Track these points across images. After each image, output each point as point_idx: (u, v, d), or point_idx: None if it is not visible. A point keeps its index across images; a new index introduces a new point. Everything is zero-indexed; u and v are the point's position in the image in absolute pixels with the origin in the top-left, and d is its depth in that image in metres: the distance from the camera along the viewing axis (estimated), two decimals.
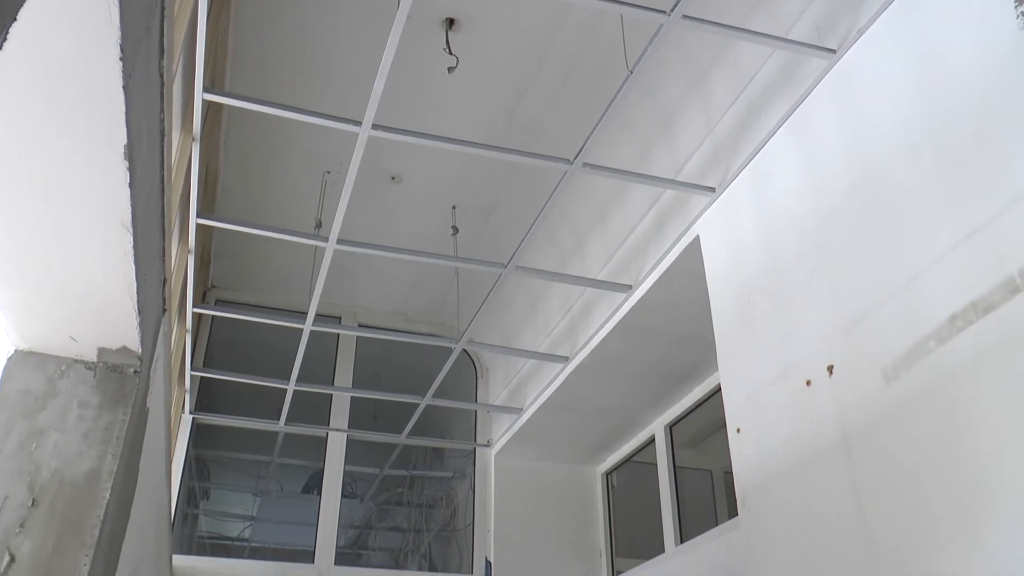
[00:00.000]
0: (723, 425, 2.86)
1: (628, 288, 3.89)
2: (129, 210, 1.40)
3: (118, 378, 1.68)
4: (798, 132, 2.73)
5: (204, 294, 5.37)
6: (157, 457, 2.62)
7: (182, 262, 3.52)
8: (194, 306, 4.04)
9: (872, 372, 2.13)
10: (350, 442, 5.47)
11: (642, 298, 3.82)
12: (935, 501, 1.88)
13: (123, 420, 1.66)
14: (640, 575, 4.86)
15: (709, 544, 4.26)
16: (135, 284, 1.48)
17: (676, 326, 4.03)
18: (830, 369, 2.28)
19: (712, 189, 3.22)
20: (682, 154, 3.49)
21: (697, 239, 3.32)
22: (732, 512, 4.25)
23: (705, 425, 5.00)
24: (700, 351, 4.20)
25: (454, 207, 4.76)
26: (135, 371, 1.70)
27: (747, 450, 2.59)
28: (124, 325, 1.58)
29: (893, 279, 2.13)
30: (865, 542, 2.06)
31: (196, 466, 6.25)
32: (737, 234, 2.99)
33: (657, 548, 4.80)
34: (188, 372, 4.61)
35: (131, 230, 1.41)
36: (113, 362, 1.70)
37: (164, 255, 1.89)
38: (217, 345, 5.49)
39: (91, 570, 1.59)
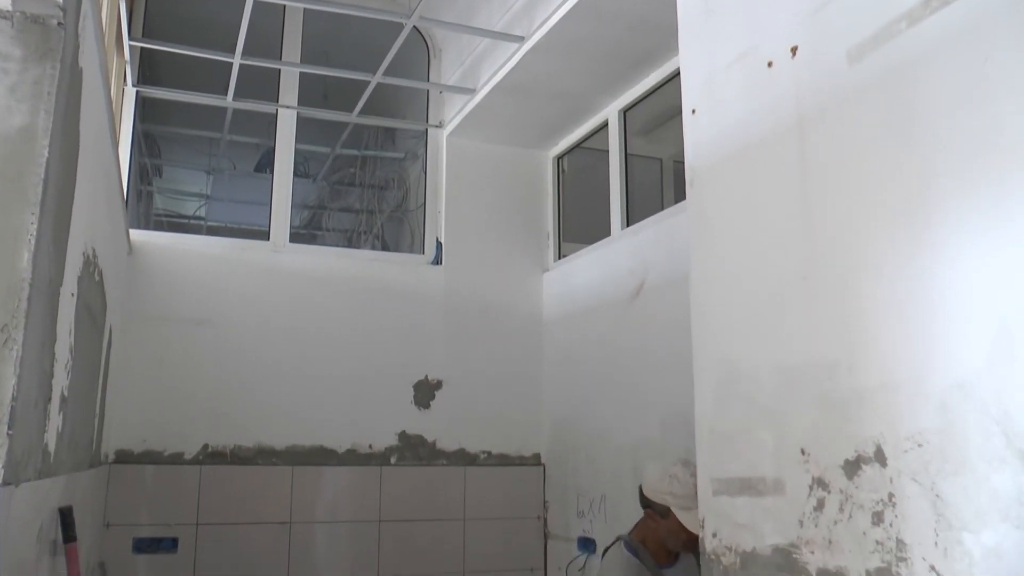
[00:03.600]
0: (676, 114, 2.83)
1: None
2: None
3: (40, 30, 1.56)
4: None
5: None
6: (99, 123, 2.54)
7: None
8: None
9: (836, 54, 2.08)
10: (301, 121, 5.38)
11: None
12: (880, 186, 1.92)
13: (52, 75, 1.56)
14: (585, 256, 5.08)
15: (653, 227, 4.41)
16: None
17: (637, 7, 3.87)
18: (793, 50, 2.22)
19: None
20: None
21: None
22: (679, 199, 4.36)
23: (658, 113, 4.98)
24: (660, 35, 4.08)
25: None
26: (59, 23, 1.58)
27: (700, 131, 2.58)
28: None
29: None
30: (805, 224, 2.13)
31: (145, 142, 6.16)
32: None
33: (603, 232, 4.97)
34: (127, 41, 4.37)
35: None
36: (32, 11, 1.56)
37: None
38: (157, 18, 5.18)
39: (40, 229, 1.58)
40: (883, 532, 1.78)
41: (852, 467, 1.87)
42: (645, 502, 3.25)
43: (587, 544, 4.71)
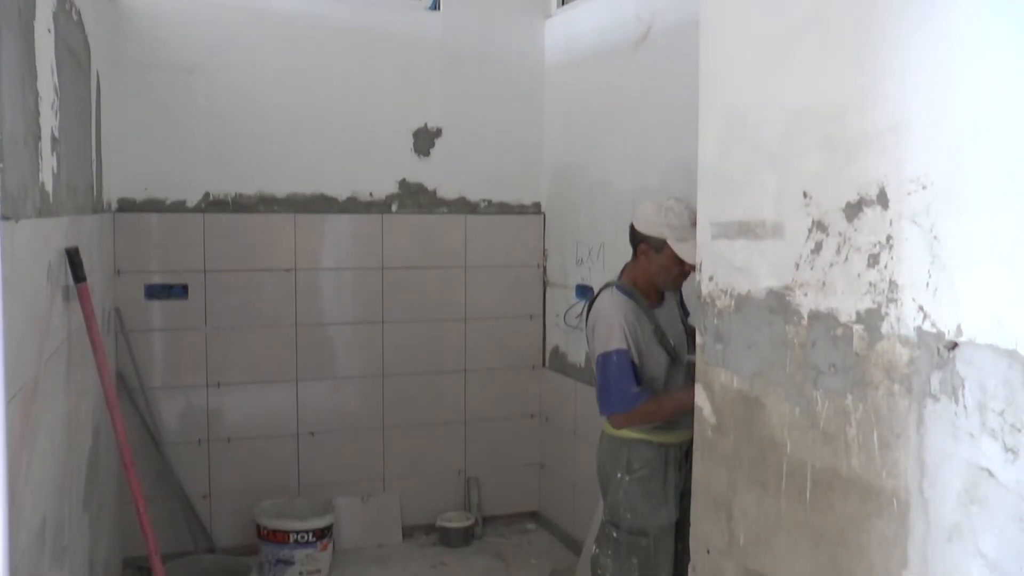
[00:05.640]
0: None
1: None
2: None
3: None
4: None
5: None
6: None
7: None
8: None
9: None
10: None
11: None
12: None
13: None
14: (589, 1, 4.83)
15: None
16: None
17: None
18: None
19: None
20: None
21: None
22: None
23: None
24: None
25: None
26: None
27: None
28: None
29: None
30: None
31: None
32: None
33: None
34: None
35: None
36: None
37: None
38: None
39: None
40: (877, 274, 1.81)
41: (853, 210, 1.87)
42: (638, 238, 3.29)
43: (585, 291, 4.85)
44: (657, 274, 3.29)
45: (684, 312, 3.49)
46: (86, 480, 2.72)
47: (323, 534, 4.68)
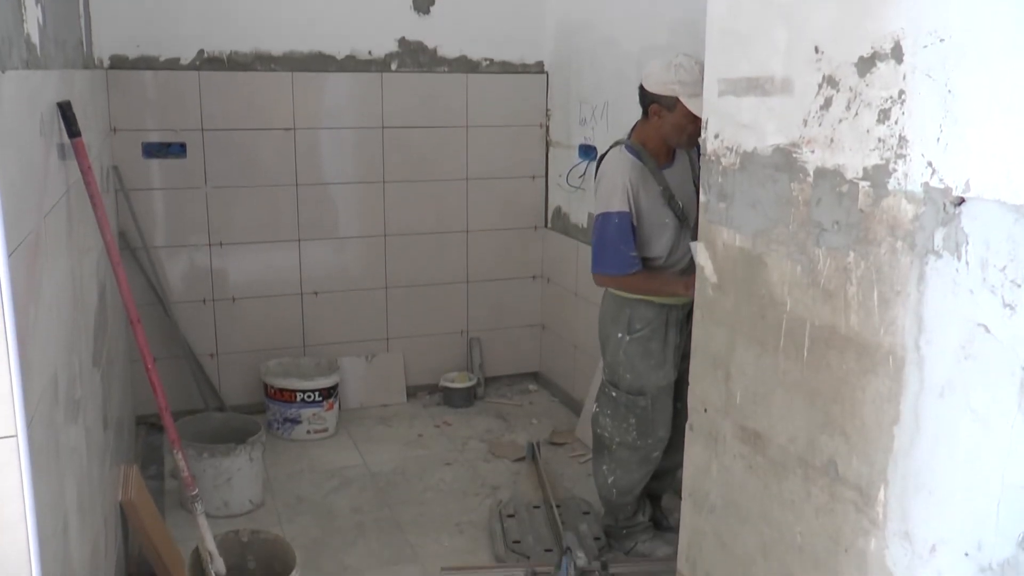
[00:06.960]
0: None
1: None
2: None
3: None
4: None
5: None
6: None
7: None
8: None
9: None
10: None
11: None
12: None
13: None
14: None
15: None
16: None
17: None
18: None
19: None
20: None
21: None
22: None
23: None
24: None
25: None
26: None
27: None
28: None
29: None
30: None
31: None
32: None
33: None
34: None
35: None
36: None
37: None
38: None
39: None
40: (887, 130, 1.77)
41: (866, 64, 1.81)
42: (649, 99, 3.22)
43: (588, 151, 4.79)
44: (671, 134, 3.23)
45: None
46: (94, 336, 2.76)
47: (329, 393, 4.80)
